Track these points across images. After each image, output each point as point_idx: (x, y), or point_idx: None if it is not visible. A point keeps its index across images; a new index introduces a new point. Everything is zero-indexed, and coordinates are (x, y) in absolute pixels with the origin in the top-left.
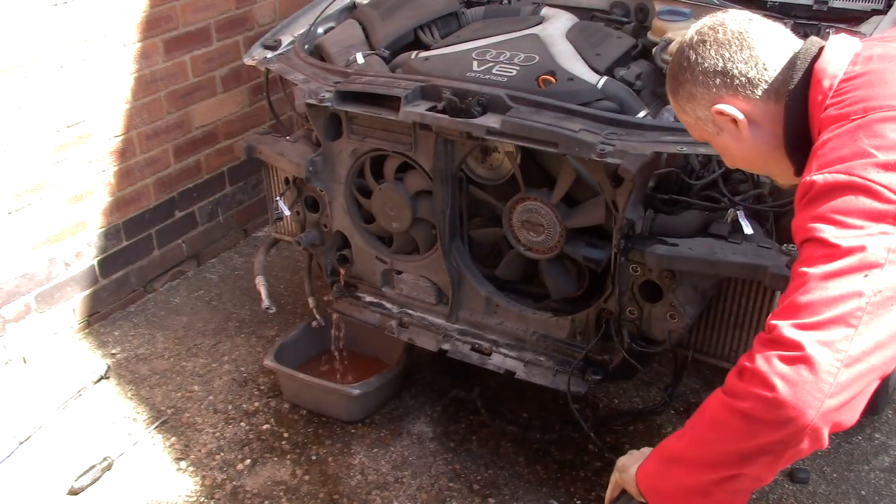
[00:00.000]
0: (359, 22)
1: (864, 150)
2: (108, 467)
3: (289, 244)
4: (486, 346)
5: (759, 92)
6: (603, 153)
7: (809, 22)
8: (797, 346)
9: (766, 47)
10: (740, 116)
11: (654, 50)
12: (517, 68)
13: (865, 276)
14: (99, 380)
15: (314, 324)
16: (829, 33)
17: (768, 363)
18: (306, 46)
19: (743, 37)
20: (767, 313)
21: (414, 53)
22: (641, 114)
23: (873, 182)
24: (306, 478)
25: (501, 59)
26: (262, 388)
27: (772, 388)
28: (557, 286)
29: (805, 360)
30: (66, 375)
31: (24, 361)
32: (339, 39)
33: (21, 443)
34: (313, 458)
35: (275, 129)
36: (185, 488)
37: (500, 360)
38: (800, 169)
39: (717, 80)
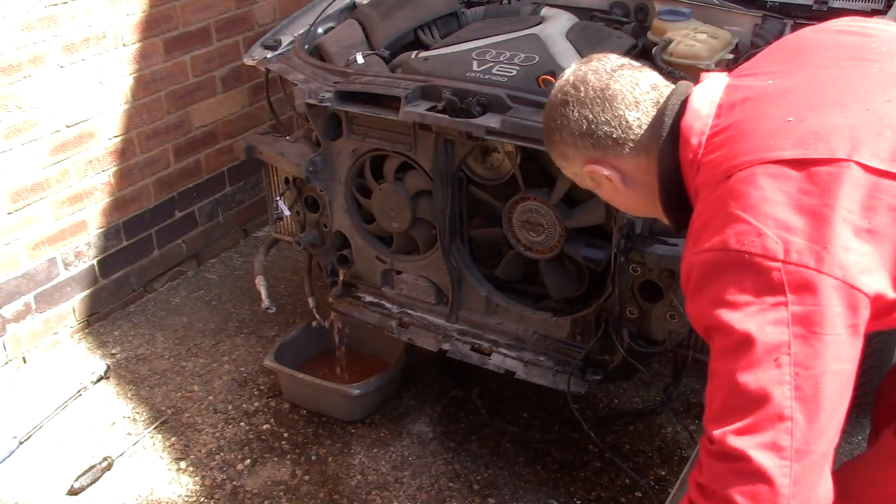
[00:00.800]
0: (359, 22)
1: (735, 215)
2: (108, 467)
3: (289, 244)
4: (486, 346)
5: (626, 150)
6: None
7: (809, 21)
8: (743, 456)
9: (630, 103)
10: (611, 175)
11: (654, 50)
12: (517, 68)
13: (776, 360)
14: (99, 380)
15: (314, 324)
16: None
17: (725, 485)
18: (306, 46)
19: (604, 95)
20: None
21: (414, 53)
22: None
23: (750, 252)
24: (306, 478)
25: (501, 59)
26: (262, 388)
27: None
28: (557, 286)
29: (756, 473)
30: (66, 375)
31: (24, 361)
32: (339, 39)
33: (21, 443)
34: (313, 458)
35: (275, 129)
36: (185, 488)
37: (500, 360)
38: (678, 226)
39: (585, 142)
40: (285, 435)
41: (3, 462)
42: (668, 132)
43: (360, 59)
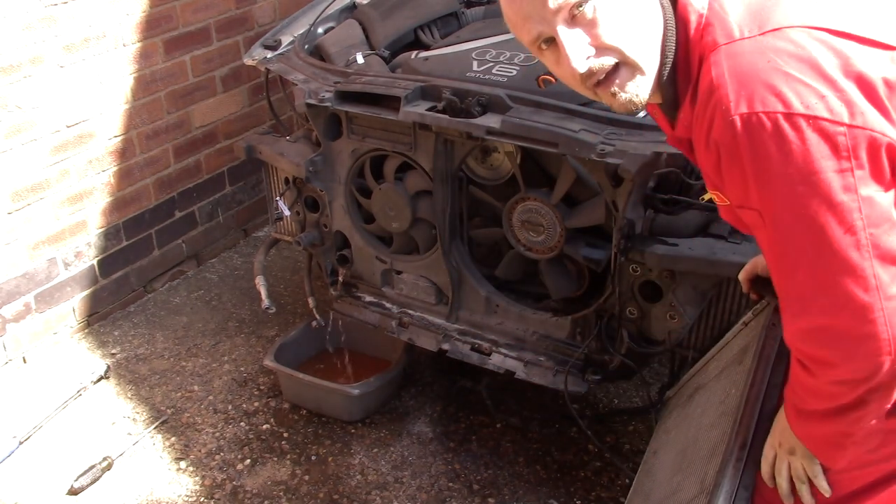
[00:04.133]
0: (359, 22)
1: (790, 75)
2: (108, 467)
3: (289, 244)
4: (485, 346)
5: None
6: (603, 153)
7: None
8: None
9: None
10: None
11: None
12: (517, 68)
13: (852, 227)
14: (99, 380)
15: (314, 324)
16: None
17: (829, 352)
18: (306, 46)
19: None
20: None
21: (414, 53)
22: (641, 114)
23: (815, 117)
24: (306, 478)
25: (501, 59)
26: (262, 388)
27: None
28: (557, 286)
29: (851, 335)
30: (66, 375)
31: (24, 361)
32: (339, 39)
33: (21, 443)
34: (313, 458)
35: (275, 129)
36: (185, 488)
37: (499, 360)
38: (674, 99)
39: None
40: (285, 435)
41: (3, 462)
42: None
43: (360, 59)
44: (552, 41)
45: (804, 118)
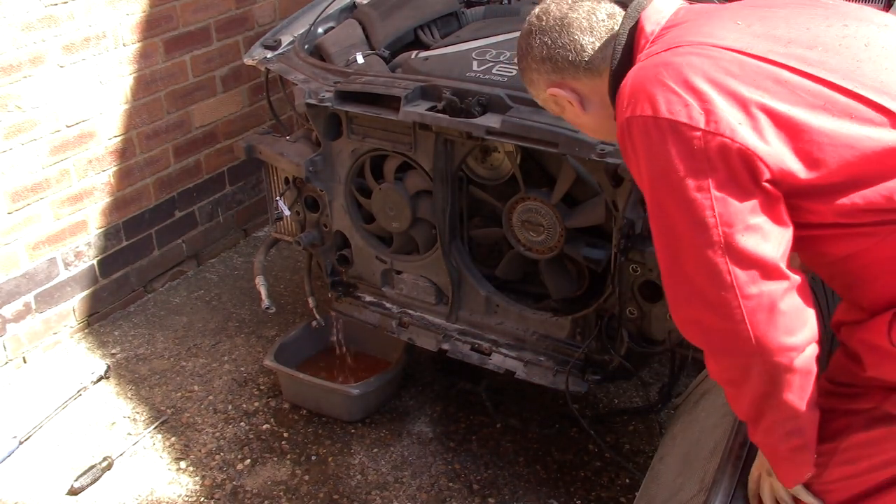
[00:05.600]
0: (359, 22)
1: (666, 85)
2: (108, 467)
3: (289, 244)
4: (485, 346)
5: (580, 72)
6: (603, 153)
7: None
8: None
9: (584, 28)
10: (571, 98)
11: None
12: (517, 68)
13: (704, 223)
14: (99, 380)
15: (314, 324)
16: None
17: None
18: (306, 46)
19: (562, 22)
20: None
21: (414, 53)
22: None
23: (676, 121)
24: (306, 478)
25: (501, 59)
26: (262, 388)
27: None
28: (557, 286)
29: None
30: (66, 375)
31: (24, 361)
32: (339, 39)
33: (21, 443)
34: (313, 458)
35: (275, 129)
36: (185, 488)
37: (500, 360)
38: None
39: (546, 66)
40: (285, 435)
41: (3, 462)
42: (631, 27)
43: (360, 59)
44: None
45: (667, 122)
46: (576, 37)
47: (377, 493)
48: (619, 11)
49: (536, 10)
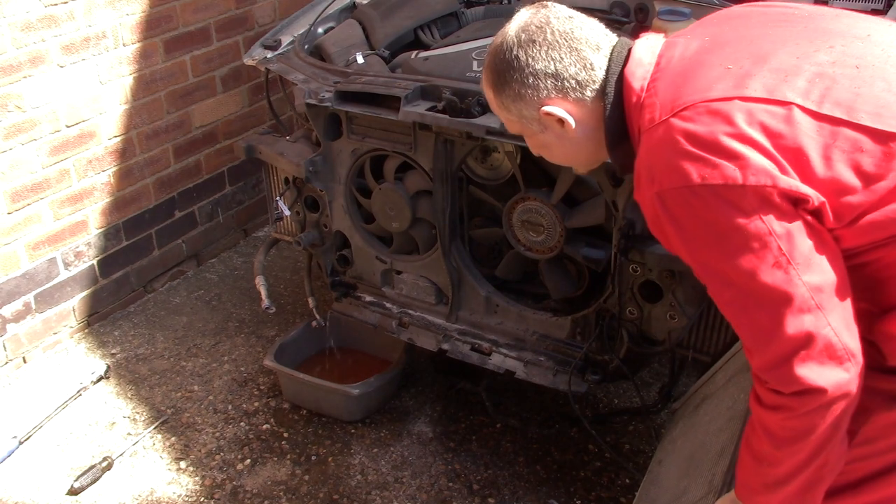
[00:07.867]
0: (359, 22)
1: (689, 152)
2: (108, 467)
3: (289, 244)
4: (485, 346)
5: (588, 93)
6: None
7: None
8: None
9: (592, 47)
10: (569, 118)
11: None
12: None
13: (777, 264)
14: (99, 380)
15: (314, 324)
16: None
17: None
18: (306, 46)
19: (570, 37)
20: None
21: (414, 53)
22: None
23: (712, 184)
24: (306, 478)
25: None
26: (262, 388)
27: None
28: (557, 286)
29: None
30: (66, 375)
31: (24, 361)
32: (339, 39)
33: (21, 443)
34: (313, 458)
35: (275, 129)
36: (185, 488)
37: (499, 360)
38: (623, 167)
39: (549, 83)
40: (285, 435)
41: (3, 462)
42: (617, 78)
43: (360, 59)
44: None
45: (702, 187)
46: (586, 54)
47: (377, 493)
48: (608, 31)
49: (531, 19)
